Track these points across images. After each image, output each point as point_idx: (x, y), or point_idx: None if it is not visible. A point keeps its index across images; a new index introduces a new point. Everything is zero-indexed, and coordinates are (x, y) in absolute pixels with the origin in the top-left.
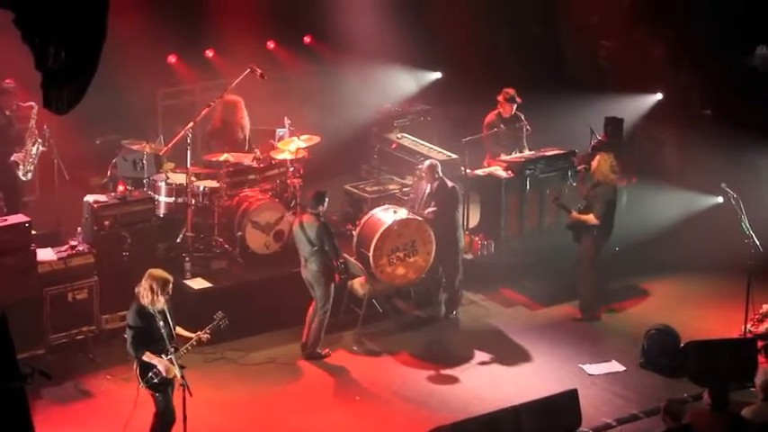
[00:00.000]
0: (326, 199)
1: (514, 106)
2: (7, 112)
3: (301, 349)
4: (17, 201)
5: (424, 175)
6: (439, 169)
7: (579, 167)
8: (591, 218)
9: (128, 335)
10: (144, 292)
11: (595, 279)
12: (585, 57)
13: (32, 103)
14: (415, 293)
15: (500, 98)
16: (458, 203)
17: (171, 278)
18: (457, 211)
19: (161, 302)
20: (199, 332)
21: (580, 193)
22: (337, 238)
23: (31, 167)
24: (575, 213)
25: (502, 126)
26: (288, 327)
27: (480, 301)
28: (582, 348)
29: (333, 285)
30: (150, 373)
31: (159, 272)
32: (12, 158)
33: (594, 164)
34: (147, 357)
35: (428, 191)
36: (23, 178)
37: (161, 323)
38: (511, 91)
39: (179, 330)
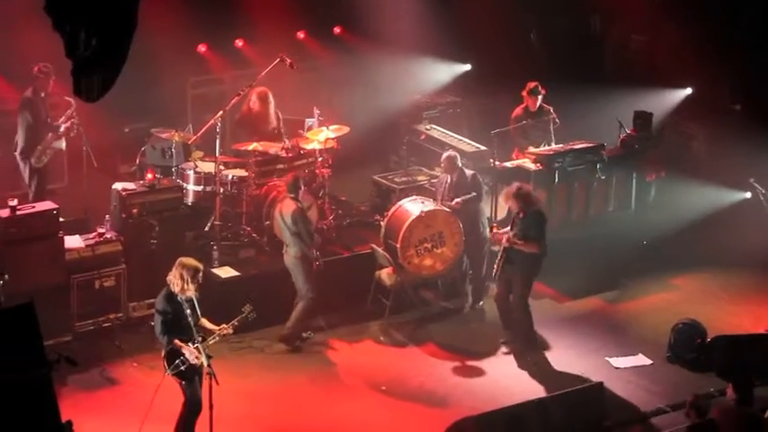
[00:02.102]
0: (301, 183)
1: (539, 98)
2: (42, 94)
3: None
4: (43, 187)
5: (443, 165)
6: (458, 160)
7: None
8: (532, 247)
9: (156, 321)
10: (174, 281)
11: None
12: (616, 50)
13: (71, 100)
14: (442, 284)
15: (524, 93)
16: (480, 191)
17: (201, 267)
18: (480, 200)
19: (191, 291)
20: (224, 324)
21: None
22: (366, 228)
23: (46, 159)
24: (516, 240)
25: (529, 119)
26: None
27: None
28: (608, 341)
29: (312, 271)
30: (177, 361)
31: (190, 260)
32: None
33: (510, 202)
34: (176, 344)
35: (449, 182)
36: (35, 165)
37: (188, 311)
38: (532, 84)
39: (204, 323)
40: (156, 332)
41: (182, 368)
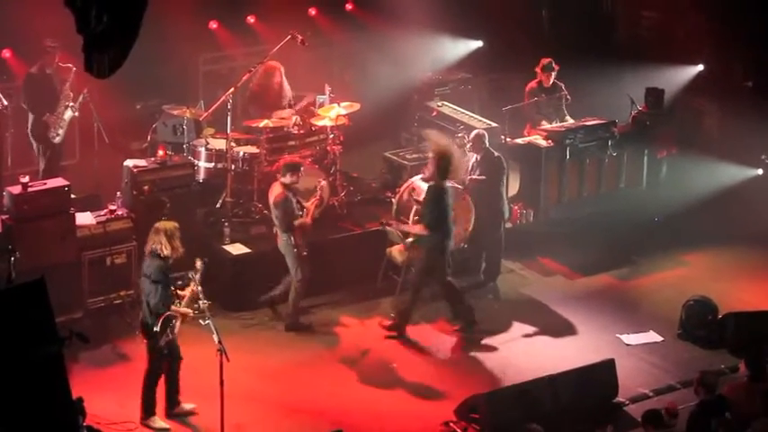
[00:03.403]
0: (298, 168)
1: (553, 74)
2: (47, 71)
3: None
4: (56, 163)
5: (471, 144)
6: (486, 139)
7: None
8: (419, 228)
9: (156, 292)
10: (161, 247)
11: (420, 291)
12: (628, 27)
13: (71, 65)
14: (454, 262)
15: (538, 69)
16: (502, 174)
17: (177, 224)
18: (501, 182)
19: (180, 249)
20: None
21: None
22: (377, 204)
23: (61, 131)
24: (404, 226)
25: (543, 95)
26: (324, 293)
27: (518, 269)
28: (619, 318)
29: (301, 255)
30: (168, 330)
31: (164, 222)
32: (43, 118)
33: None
34: (174, 311)
35: (474, 161)
36: (53, 141)
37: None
38: (546, 60)
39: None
40: (152, 302)
41: (166, 339)
